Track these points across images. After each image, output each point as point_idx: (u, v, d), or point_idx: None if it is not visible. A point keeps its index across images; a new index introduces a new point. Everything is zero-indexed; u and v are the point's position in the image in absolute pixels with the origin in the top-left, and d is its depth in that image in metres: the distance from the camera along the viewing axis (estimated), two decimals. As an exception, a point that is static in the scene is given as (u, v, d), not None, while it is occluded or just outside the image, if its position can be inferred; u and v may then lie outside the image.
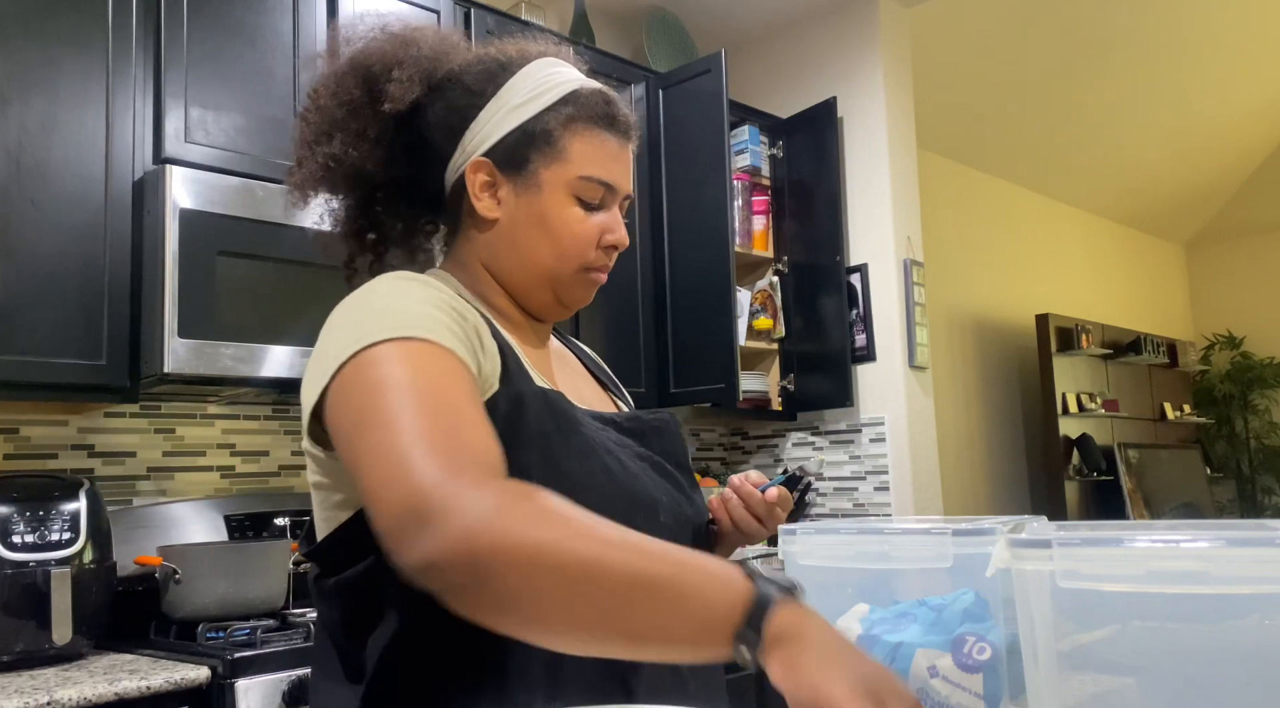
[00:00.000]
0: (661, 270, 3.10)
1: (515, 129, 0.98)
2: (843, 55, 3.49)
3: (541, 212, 0.98)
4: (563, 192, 0.97)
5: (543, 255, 0.98)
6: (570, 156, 0.97)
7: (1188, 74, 5.16)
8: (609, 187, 0.99)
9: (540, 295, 1.01)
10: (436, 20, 2.55)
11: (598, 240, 0.99)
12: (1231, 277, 6.84)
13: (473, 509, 0.67)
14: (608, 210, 1.00)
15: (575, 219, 0.97)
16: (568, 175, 0.97)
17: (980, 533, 0.76)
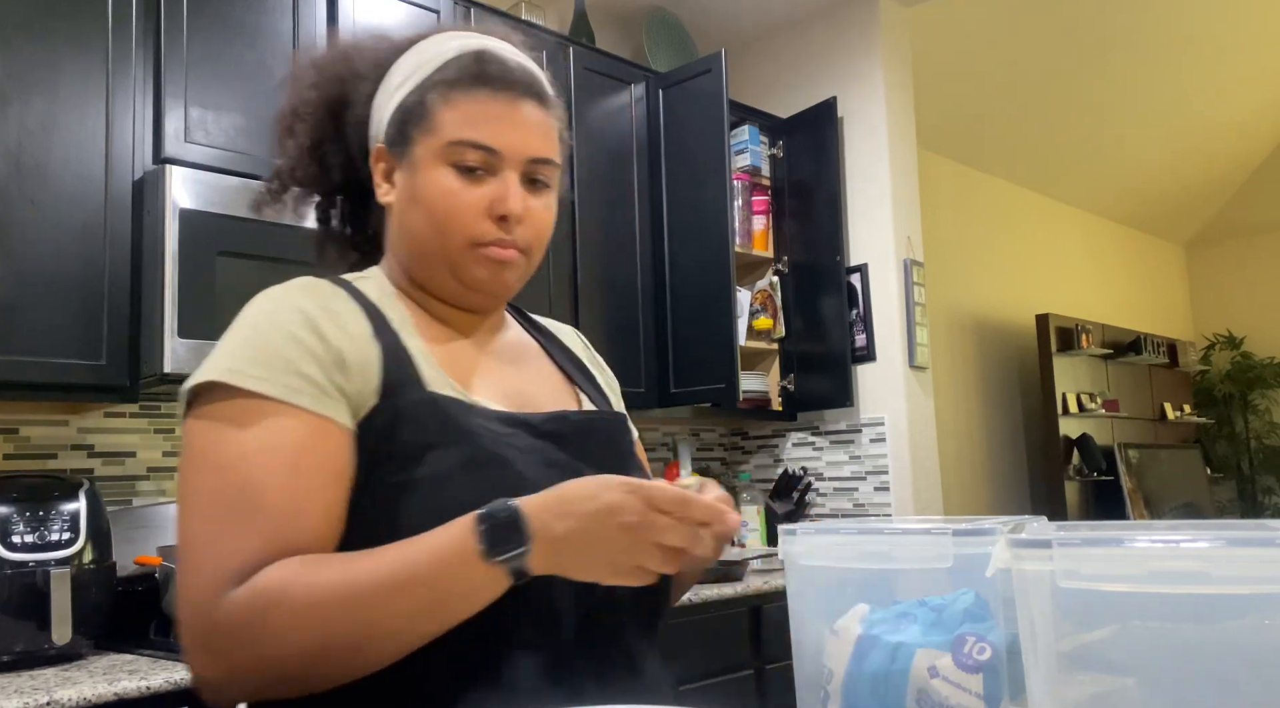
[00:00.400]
0: (661, 270, 3.10)
1: (397, 108, 0.94)
2: (843, 55, 3.49)
3: (417, 188, 0.92)
4: (436, 162, 0.91)
5: (424, 234, 0.92)
6: (440, 123, 0.91)
7: (1188, 74, 5.16)
8: (488, 149, 0.90)
9: (441, 280, 0.94)
10: (436, 20, 2.55)
11: (485, 211, 0.91)
12: (1232, 277, 6.84)
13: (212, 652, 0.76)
14: (498, 177, 0.91)
15: (448, 190, 0.90)
16: (438, 144, 0.91)
17: (980, 533, 0.76)
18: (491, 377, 0.96)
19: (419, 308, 0.96)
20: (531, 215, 0.93)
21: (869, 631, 0.82)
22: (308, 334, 0.84)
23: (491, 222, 0.91)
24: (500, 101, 0.91)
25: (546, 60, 3.10)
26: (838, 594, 0.86)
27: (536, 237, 0.95)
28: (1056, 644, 0.64)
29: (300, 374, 0.82)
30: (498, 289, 0.94)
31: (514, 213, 0.91)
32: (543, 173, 0.94)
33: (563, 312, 2.78)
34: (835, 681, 0.82)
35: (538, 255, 0.97)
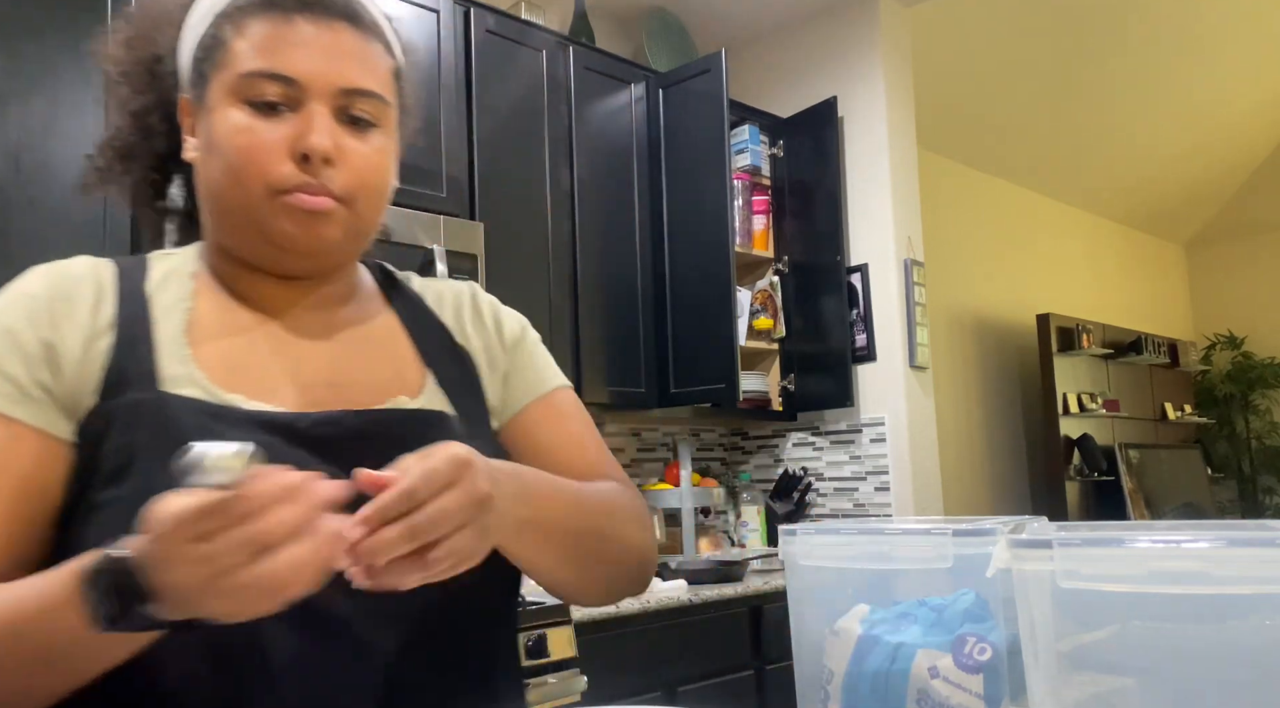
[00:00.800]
0: (661, 270, 3.10)
1: (195, 48, 0.81)
2: (843, 55, 3.49)
3: (210, 133, 0.78)
4: (229, 101, 0.77)
5: (221, 186, 0.78)
6: (232, 56, 0.77)
7: (1188, 73, 5.16)
8: (286, 79, 0.76)
9: (247, 241, 0.80)
10: (436, 20, 2.55)
11: (285, 151, 0.76)
12: (1232, 277, 6.83)
13: None
14: (300, 112, 0.77)
15: (240, 129, 0.76)
16: (230, 79, 0.77)
17: (981, 533, 0.76)
18: (296, 368, 0.81)
19: (223, 287, 0.83)
20: (349, 156, 0.78)
21: (869, 631, 0.82)
22: (21, 323, 0.74)
23: (294, 163, 0.77)
24: (300, 24, 0.78)
25: (546, 60, 3.10)
26: (838, 594, 0.86)
27: (360, 183, 0.79)
28: (1057, 645, 0.64)
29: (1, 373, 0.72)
30: (311, 246, 0.79)
31: (317, 149, 0.76)
32: (363, 108, 0.80)
33: (563, 312, 2.78)
34: (835, 681, 0.82)
35: (366, 207, 0.81)
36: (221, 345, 0.79)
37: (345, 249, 0.83)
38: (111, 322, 0.76)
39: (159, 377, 0.74)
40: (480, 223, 2.52)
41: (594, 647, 2.22)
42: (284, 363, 0.81)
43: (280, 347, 0.81)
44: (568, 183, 2.86)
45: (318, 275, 0.84)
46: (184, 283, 0.81)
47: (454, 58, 2.58)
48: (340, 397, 0.80)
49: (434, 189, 2.48)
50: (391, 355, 0.86)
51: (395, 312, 0.90)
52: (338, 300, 0.87)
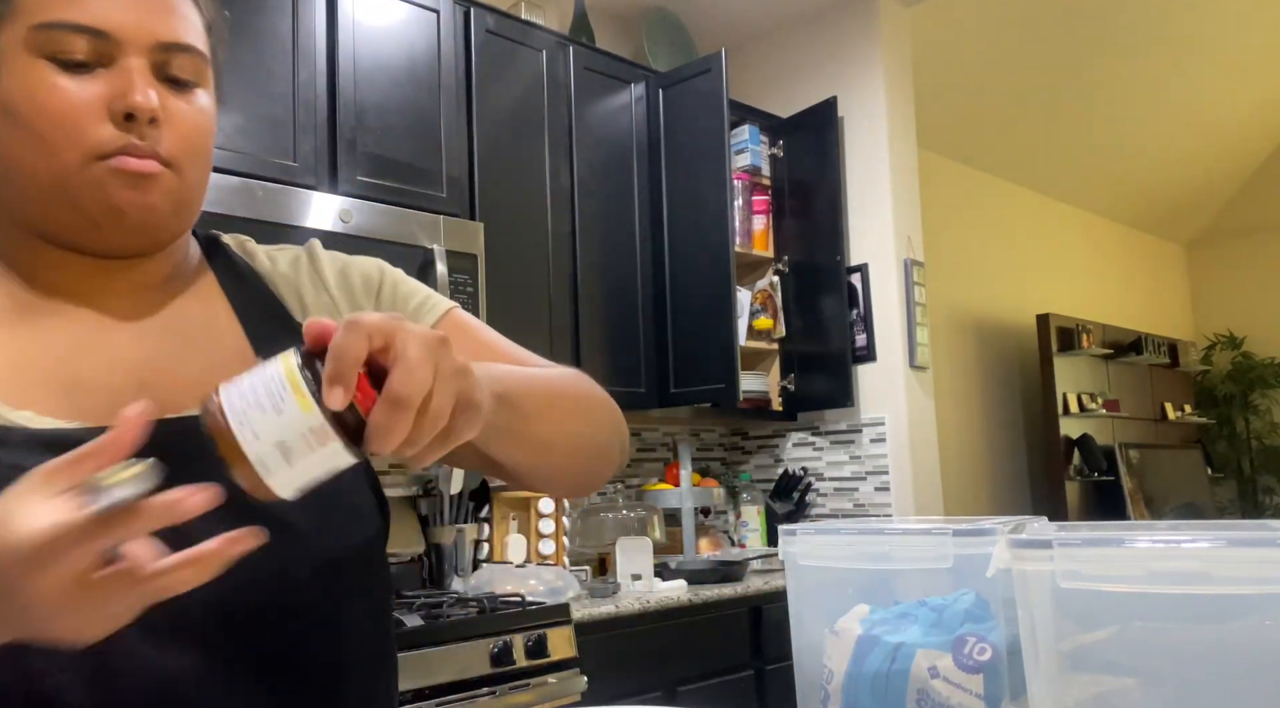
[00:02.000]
0: (661, 270, 3.10)
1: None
2: (843, 55, 3.49)
3: (4, 96, 0.67)
4: (24, 57, 0.67)
5: (24, 156, 0.67)
6: (21, 5, 0.67)
7: (1188, 74, 5.16)
8: (95, 32, 0.67)
9: (59, 216, 0.69)
10: (436, 19, 2.55)
11: (103, 111, 0.67)
12: (1232, 277, 6.83)
13: None
14: (116, 67, 0.68)
15: (46, 88, 0.66)
16: (21, 31, 0.67)
17: (981, 533, 0.76)
18: (106, 367, 0.70)
19: (17, 278, 0.72)
20: (174, 117, 0.70)
21: (869, 631, 0.82)
22: None
23: (113, 124, 0.68)
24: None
25: (546, 60, 3.10)
26: (838, 594, 0.86)
27: (186, 144, 0.71)
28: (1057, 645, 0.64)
29: None
30: (139, 216, 0.70)
31: (143, 107, 0.67)
32: (181, 65, 0.71)
33: (563, 312, 2.78)
34: (835, 681, 0.82)
35: (193, 173, 0.72)
36: (11, 351, 0.68)
37: (172, 221, 0.73)
38: None
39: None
40: (480, 223, 2.52)
41: (594, 647, 2.22)
42: (85, 367, 0.70)
43: (84, 344, 0.71)
44: (568, 183, 2.86)
45: (137, 253, 0.73)
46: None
47: (454, 58, 2.58)
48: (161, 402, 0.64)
49: (434, 189, 2.48)
50: (214, 345, 0.75)
51: (223, 291, 0.78)
52: (154, 283, 0.75)
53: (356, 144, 2.34)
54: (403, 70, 2.46)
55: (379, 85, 2.40)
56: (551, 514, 2.71)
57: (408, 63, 2.47)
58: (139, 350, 0.72)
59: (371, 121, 2.38)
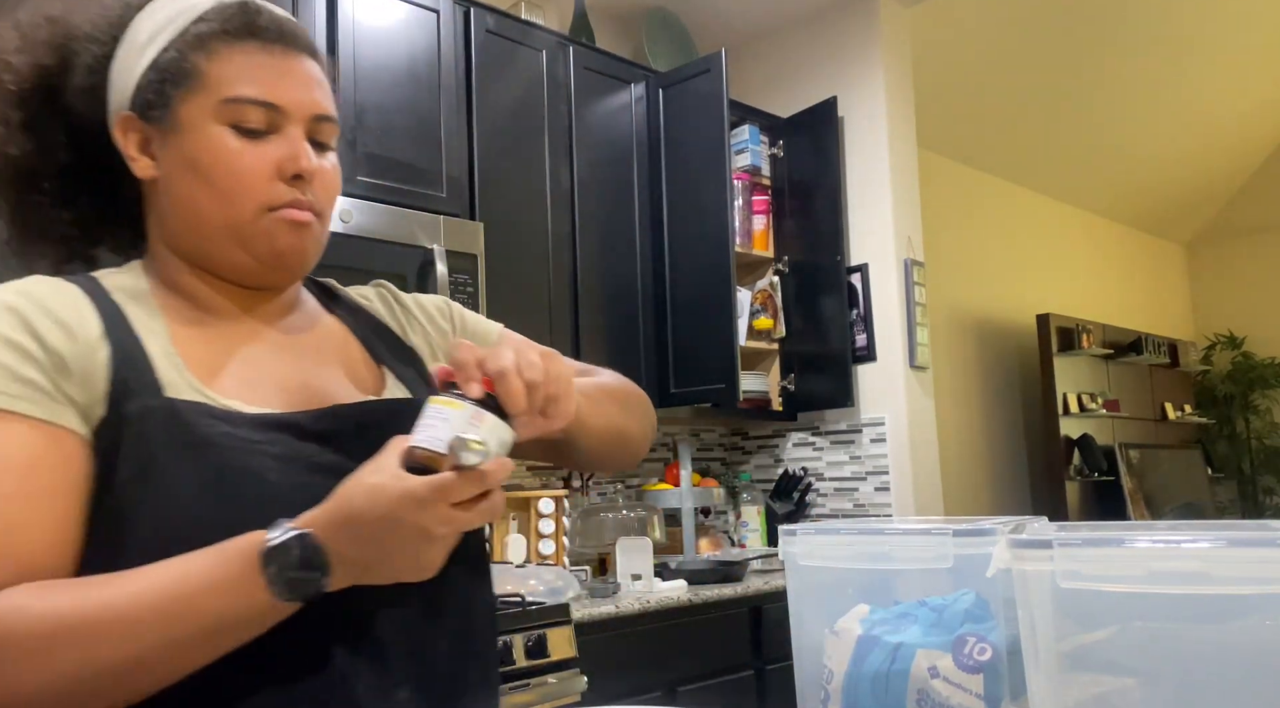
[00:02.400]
0: (661, 270, 3.10)
1: (147, 69, 0.82)
2: (843, 55, 3.49)
3: (191, 154, 0.81)
4: (211, 124, 0.81)
5: (205, 206, 0.82)
6: (211, 81, 0.81)
7: (1189, 74, 5.16)
8: (271, 106, 0.82)
9: (229, 256, 0.84)
10: (436, 19, 2.55)
11: (274, 172, 0.82)
12: (1232, 277, 6.83)
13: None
14: (283, 134, 0.83)
15: (231, 152, 0.81)
16: (210, 103, 0.81)
17: (981, 534, 0.76)
18: (271, 372, 0.85)
19: (184, 300, 0.85)
20: (322, 175, 0.86)
21: (869, 631, 0.82)
22: (22, 335, 0.75)
23: (283, 183, 0.83)
24: (275, 55, 0.84)
25: (546, 60, 3.10)
26: (838, 595, 0.86)
27: (329, 198, 0.88)
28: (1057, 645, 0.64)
29: (19, 379, 0.73)
30: (295, 258, 0.85)
31: (309, 170, 0.83)
32: (325, 132, 0.87)
33: (563, 312, 2.78)
34: (835, 681, 0.82)
35: (328, 221, 0.90)
36: (204, 355, 0.82)
37: (315, 258, 0.88)
38: (100, 334, 0.78)
39: (160, 385, 0.77)
40: (480, 223, 2.52)
41: (594, 647, 2.22)
42: (260, 369, 0.84)
43: (253, 354, 0.85)
44: (568, 183, 2.86)
45: (285, 286, 0.90)
46: (147, 299, 0.84)
47: (454, 58, 2.58)
48: (315, 396, 0.84)
49: (434, 189, 2.48)
50: (346, 358, 0.91)
51: (339, 319, 0.95)
52: (286, 310, 0.91)
53: (356, 144, 2.34)
54: (403, 70, 2.46)
55: (379, 85, 2.40)
56: (551, 514, 2.71)
57: (408, 63, 2.47)
58: (291, 361, 0.87)
59: (371, 121, 2.38)
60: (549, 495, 2.72)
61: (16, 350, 0.74)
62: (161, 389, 0.77)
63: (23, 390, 0.73)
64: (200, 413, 0.76)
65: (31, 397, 0.73)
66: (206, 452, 0.75)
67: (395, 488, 0.68)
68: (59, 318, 0.77)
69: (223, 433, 0.76)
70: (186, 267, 0.86)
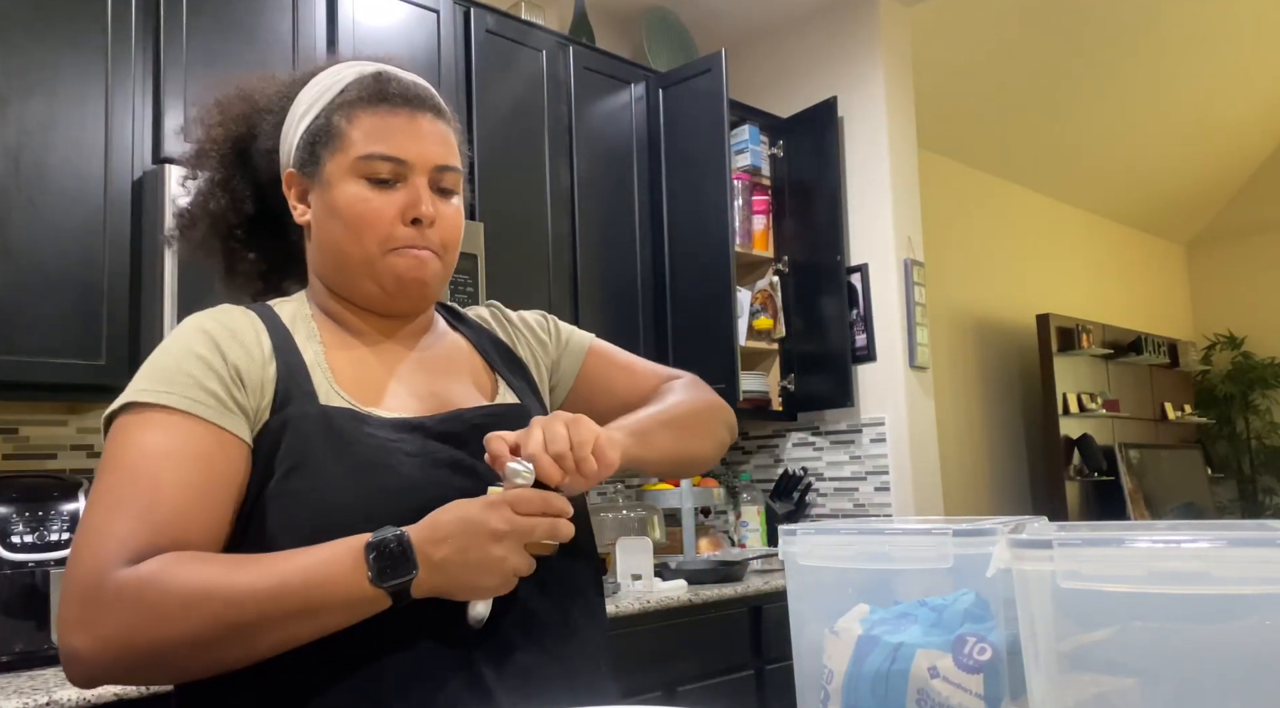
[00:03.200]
0: (661, 270, 3.10)
1: (304, 133, 1.00)
2: (843, 55, 3.48)
3: (332, 202, 0.98)
4: (348, 177, 0.97)
5: (343, 244, 0.98)
6: (349, 141, 0.98)
7: (1189, 74, 5.16)
8: (397, 160, 0.98)
9: (361, 286, 1.00)
10: (436, 19, 2.55)
11: (398, 216, 0.98)
12: (1232, 277, 6.83)
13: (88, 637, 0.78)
14: (408, 184, 0.98)
15: (361, 199, 0.97)
16: (348, 160, 0.98)
17: (981, 533, 0.76)
18: (406, 383, 1.01)
19: (335, 324, 1.02)
20: (443, 218, 1.00)
21: (869, 631, 0.82)
22: (209, 352, 0.90)
23: (405, 225, 0.97)
24: (402, 116, 0.99)
25: (546, 60, 3.10)
26: (838, 594, 0.86)
27: (451, 239, 1.02)
28: (1057, 645, 0.64)
29: (203, 388, 0.88)
30: (416, 289, 1.00)
31: (427, 215, 0.97)
32: (448, 180, 1.01)
33: (563, 312, 2.78)
34: (835, 681, 0.82)
35: (452, 257, 1.04)
36: (350, 369, 0.98)
37: (437, 289, 1.04)
38: (271, 351, 0.94)
39: (316, 394, 0.93)
40: (480, 223, 2.52)
41: (594, 647, 2.22)
42: (398, 381, 1.00)
43: (391, 368, 1.01)
44: (568, 183, 2.86)
45: (413, 313, 1.05)
46: (308, 322, 1.00)
47: (454, 58, 2.58)
48: (443, 402, 1.00)
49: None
50: (470, 369, 1.07)
51: (463, 336, 1.12)
52: (422, 331, 1.07)
53: (356, 144, 2.34)
54: (403, 70, 2.46)
55: (379, 85, 2.40)
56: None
57: (408, 63, 2.46)
58: (423, 374, 1.03)
59: (371, 121, 2.38)
60: (549, 495, 2.72)
61: (202, 363, 0.90)
62: (317, 397, 0.92)
63: (203, 397, 0.88)
64: (347, 417, 0.92)
65: (210, 404, 0.88)
66: (353, 448, 0.90)
67: (469, 501, 0.84)
68: (241, 339, 0.93)
69: (364, 433, 0.91)
70: (334, 297, 1.02)
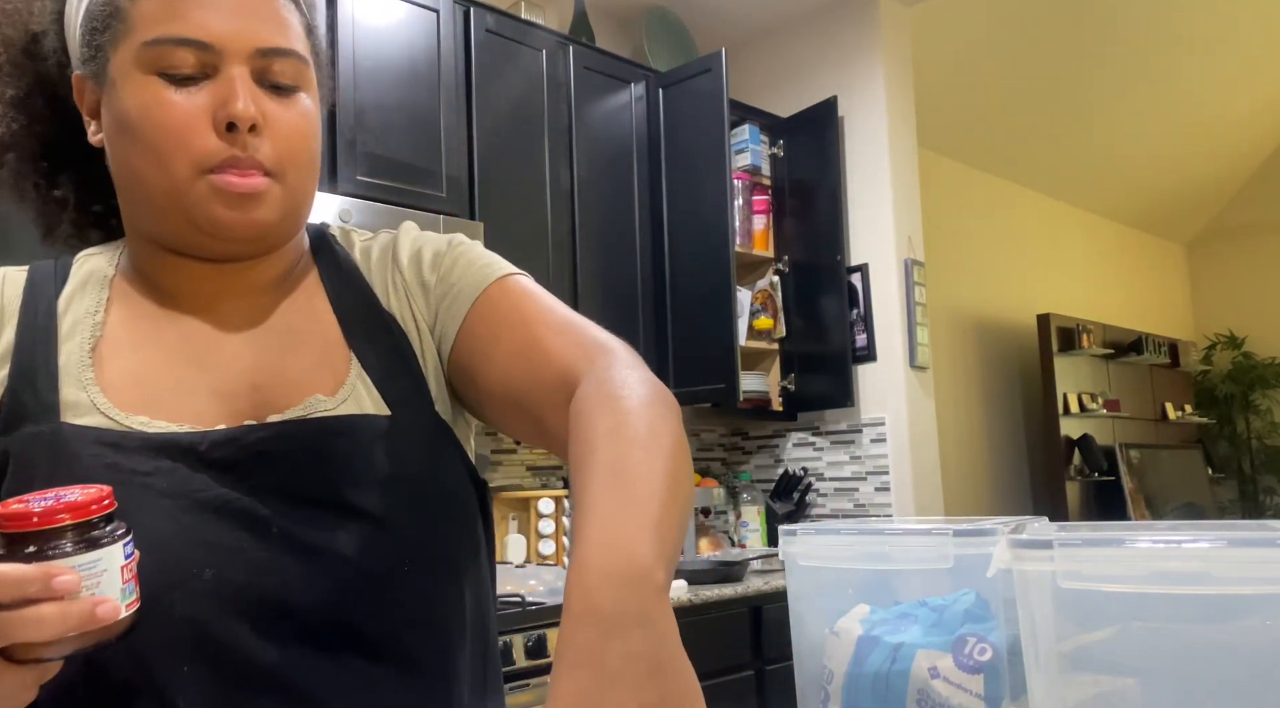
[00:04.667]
0: (661, 270, 3.10)
1: (84, 19, 0.72)
2: (843, 55, 3.48)
3: (120, 111, 0.70)
4: (137, 74, 0.69)
5: (140, 168, 0.70)
6: (132, 25, 0.69)
7: (1189, 73, 5.16)
8: (199, 44, 0.69)
9: (173, 227, 0.72)
10: (436, 19, 2.55)
11: (208, 122, 0.69)
12: (1233, 276, 6.83)
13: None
14: (217, 78, 0.70)
15: (153, 103, 0.68)
16: (132, 48, 0.69)
17: (981, 534, 0.76)
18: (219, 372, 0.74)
19: (147, 287, 0.76)
20: (275, 123, 0.71)
21: (869, 631, 0.82)
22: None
23: (218, 135, 0.69)
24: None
25: (546, 60, 3.09)
26: (838, 595, 0.86)
27: (288, 152, 0.72)
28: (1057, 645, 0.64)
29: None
30: (246, 231, 0.72)
31: (242, 116, 0.69)
32: (282, 70, 0.72)
33: (563, 312, 2.78)
34: (836, 681, 0.82)
35: (297, 179, 0.74)
36: (131, 361, 0.72)
37: (281, 230, 0.74)
38: (7, 351, 0.70)
39: (59, 406, 0.69)
40: (480, 223, 2.52)
41: (594, 647, 2.22)
42: (203, 370, 0.73)
43: (200, 351, 0.74)
44: (567, 183, 2.86)
45: (249, 257, 0.76)
46: (99, 290, 0.75)
47: (454, 58, 2.58)
48: (260, 401, 0.72)
49: (434, 189, 2.48)
50: (318, 339, 0.77)
51: (323, 287, 0.80)
52: (270, 284, 0.78)
53: (356, 143, 2.34)
54: (403, 70, 2.46)
55: (379, 85, 2.40)
56: (551, 514, 2.71)
57: (408, 62, 2.47)
58: (251, 354, 0.75)
59: (371, 121, 2.38)
60: (549, 496, 2.72)
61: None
62: (57, 412, 0.68)
63: None
64: (87, 439, 0.67)
65: None
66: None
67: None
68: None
69: (107, 465, 0.66)
70: (154, 248, 0.75)
